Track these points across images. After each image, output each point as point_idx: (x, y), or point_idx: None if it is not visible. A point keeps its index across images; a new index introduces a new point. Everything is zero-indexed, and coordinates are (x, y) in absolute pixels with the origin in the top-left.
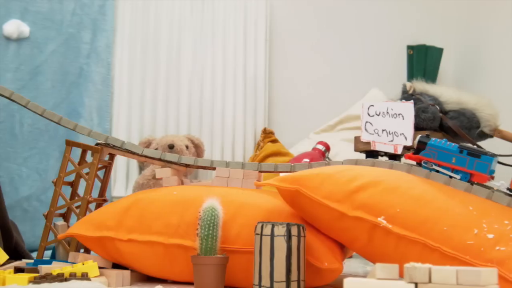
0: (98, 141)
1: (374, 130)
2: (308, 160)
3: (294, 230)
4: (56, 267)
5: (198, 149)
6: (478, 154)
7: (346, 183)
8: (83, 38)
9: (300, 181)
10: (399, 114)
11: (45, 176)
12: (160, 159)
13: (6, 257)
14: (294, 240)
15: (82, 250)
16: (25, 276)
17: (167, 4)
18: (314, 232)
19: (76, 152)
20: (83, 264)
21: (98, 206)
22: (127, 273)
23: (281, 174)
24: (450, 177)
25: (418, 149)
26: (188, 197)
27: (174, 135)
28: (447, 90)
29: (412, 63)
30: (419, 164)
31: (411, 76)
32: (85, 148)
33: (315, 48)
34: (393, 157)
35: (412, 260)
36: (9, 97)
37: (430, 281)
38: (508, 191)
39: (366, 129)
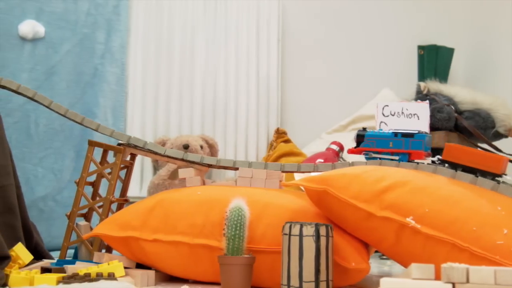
0: (120, 141)
1: (389, 130)
2: (322, 160)
3: (322, 230)
4: (81, 267)
5: (212, 149)
6: (411, 134)
7: (373, 183)
8: (98, 38)
9: (328, 181)
10: (414, 114)
11: (60, 176)
12: (182, 159)
13: (31, 257)
14: (323, 240)
15: (103, 250)
16: (53, 276)
17: (180, 4)
18: (340, 232)
19: (94, 152)
20: (108, 264)
21: (120, 206)
22: (151, 273)
23: (296, 175)
24: (391, 160)
25: (358, 142)
26: (212, 197)
27: (188, 135)
28: (461, 90)
29: (423, 63)
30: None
31: (422, 76)
32: (107, 149)
33: (327, 48)
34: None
35: (441, 261)
36: (32, 97)
37: (468, 281)
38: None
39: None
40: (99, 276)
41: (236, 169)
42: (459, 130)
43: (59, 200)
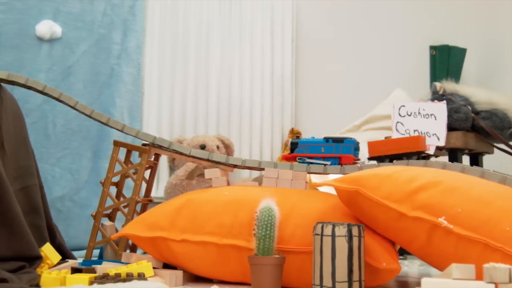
0: (145, 142)
1: (405, 131)
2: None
3: (355, 231)
4: (110, 267)
5: (228, 149)
6: (341, 139)
7: (405, 183)
8: (114, 39)
9: (360, 181)
10: (431, 115)
11: (77, 176)
12: (208, 160)
13: (59, 257)
14: (355, 241)
15: (128, 251)
16: (85, 276)
17: (195, 4)
18: (370, 232)
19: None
20: (137, 265)
21: (144, 206)
22: (179, 273)
23: (311, 176)
24: (324, 165)
25: (291, 149)
26: (240, 198)
27: (204, 135)
28: (477, 91)
29: (435, 63)
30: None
31: (434, 76)
32: (132, 149)
33: (340, 48)
34: (423, 158)
35: (473, 261)
36: (58, 97)
37: (511, 281)
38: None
39: (397, 129)
40: (129, 276)
41: (262, 169)
42: (476, 131)
43: (76, 200)
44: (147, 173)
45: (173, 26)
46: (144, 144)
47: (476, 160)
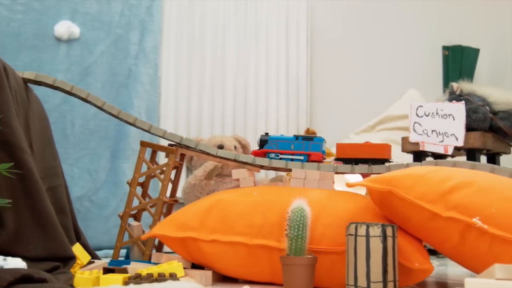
0: (171, 142)
1: (423, 131)
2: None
3: (389, 231)
4: (140, 267)
5: (245, 149)
6: (311, 137)
7: (438, 184)
8: (131, 39)
9: (393, 182)
10: (449, 115)
11: (96, 176)
12: (235, 160)
13: (89, 257)
14: (389, 241)
15: (154, 251)
16: (119, 276)
17: (212, 4)
18: (401, 233)
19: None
20: (167, 265)
21: (170, 206)
22: (209, 273)
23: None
24: (292, 160)
25: (261, 145)
26: (269, 198)
27: (222, 135)
28: (494, 91)
29: (447, 63)
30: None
31: (446, 76)
32: (159, 149)
33: (353, 48)
34: (440, 158)
35: (506, 261)
36: (86, 98)
37: None
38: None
39: (414, 130)
40: (161, 277)
41: (289, 170)
42: (493, 131)
43: (94, 200)
44: (170, 173)
45: (189, 26)
46: (170, 145)
47: (493, 160)
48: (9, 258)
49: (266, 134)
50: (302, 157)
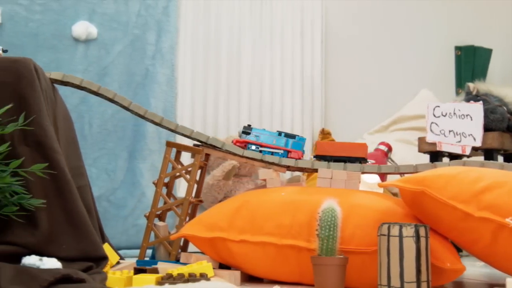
0: (197, 142)
1: (440, 131)
2: (373, 162)
3: (422, 231)
4: (168, 267)
5: None
6: (293, 135)
7: (471, 184)
8: (148, 39)
9: (425, 182)
10: (467, 115)
11: (113, 176)
12: (261, 161)
13: (117, 257)
14: (423, 241)
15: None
16: (152, 276)
17: (227, 4)
18: (432, 233)
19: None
20: (197, 265)
21: (195, 207)
22: (237, 273)
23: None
24: (272, 154)
25: (243, 134)
26: (298, 198)
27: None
28: (510, 91)
29: (460, 64)
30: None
31: (459, 77)
32: (185, 150)
33: (367, 49)
34: (455, 158)
35: None
36: (112, 98)
37: None
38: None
39: (431, 130)
40: (192, 277)
41: (315, 170)
42: (511, 131)
43: (112, 200)
44: (197, 173)
45: (205, 26)
46: (196, 145)
47: (510, 161)
48: (45, 258)
49: (249, 125)
50: (281, 152)
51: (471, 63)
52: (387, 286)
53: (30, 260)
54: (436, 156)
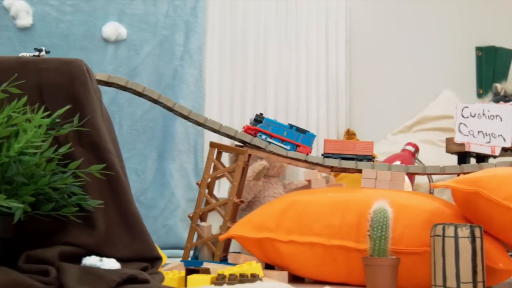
0: (239, 142)
1: (469, 132)
2: (399, 162)
3: (477, 232)
4: (217, 268)
5: None
6: (304, 131)
7: None
8: (177, 40)
9: (479, 182)
10: (496, 116)
11: (143, 177)
12: (305, 161)
13: (166, 258)
14: (478, 242)
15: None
16: (207, 277)
17: (253, 4)
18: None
19: None
20: (246, 265)
21: (236, 207)
22: (285, 273)
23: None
24: (281, 146)
25: (255, 122)
26: (345, 199)
27: None
28: None
29: (481, 64)
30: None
31: (480, 77)
32: (228, 150)
33: (389, 49)
34: (482, 158)
35: None
36: (157, 99)
37: None
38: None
39: (460, 131)
40: (244, 277)
41: (359, 171)
42: None
43: (142, 201)
44: (241, 174)
45: (232, 27)
46: (238, 145)
47: None
48: (105, 259)
49: (261, 114)
50: (289, 146)
51: (492, 63)
52: (442, 286)
53: (91, 261)
54: (464, 157)
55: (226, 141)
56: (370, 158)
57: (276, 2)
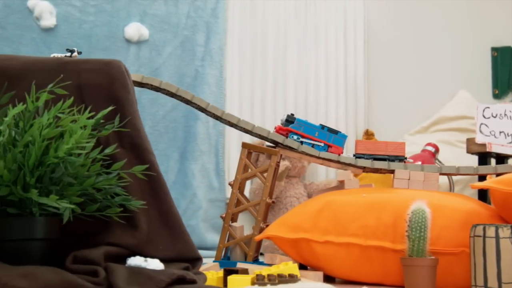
0: (267, 143)
1: (490, 132)
2: (420, 163)
3: None
4: (253, 268)
5: None
6: (336, 131)
7: None
8: (198, 41)
9: None
10: None
11: (165, 177)
12: (338, 162)
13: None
14: None
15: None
16: (248, 277)
17: (273, 5)
18: None
19: None
20: (284, 265)
21: (267, 207)
22: (320, 274)
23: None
24: (312, 146)
25: (287, 122)
26: (380, 200)
27: None
28: None
29: (496, 65)
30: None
31: (496, 78)
32: (261, 151)
33: (406, 49)
34: (502, 159)
35: None
36: (191, 100)
37: None
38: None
39: (481, 131)
40: (282, 277)
41: (392, 171)
42: None
43: None
44: (274, 174)
45: (252, 27)
46: (270, 146)
47: None
48: (149, 259)
49: (292, 114)
50: (322, 145)
51: (507, 64)
52: (483, 286)
53: (136, 261)
54: (485, 157)
55: (246, 139)
56: (402, 159)
57: (295, 2)
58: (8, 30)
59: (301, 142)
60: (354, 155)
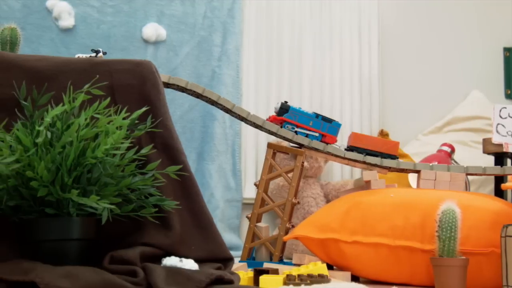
0: (292, 144)
1: (507, 132)
2: (436, 163)
3: None
4: (283, 268)
5: None
6: (330, 120)
7: None
8: (214, 41)
9: None
10: None
11: None
12: (364, 162)
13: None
14: None
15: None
16: (279, 277)
17: (288, 5)
18: None
19: None
20: (313, 266)
21: (292, 207)
22: (348, 274)
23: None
24: (307, 136)
25: (280, 111)
26: (408, 200)
27: None
28: None
29: (509, 65)
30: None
31: (508, 78)
32: (287, 151)
33: (420, 50)
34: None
35: None
36: (216, 101)
37: None
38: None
39: (497, 131)
40: (313, 277)
41: (417, 171)
42: None
43: None
44: (299, 175)
45: (268, 27)
46: (295, 146)
47: None
48: (184, 260)
49: (286, 102)
50: (317, 134)
51: None
52: None
53: (171, 261)
54: (501, 157)
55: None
56: (394, 157)
57: (310, 2)
58: (27, 30)
59: (296, 132)
60: (347, 147)
